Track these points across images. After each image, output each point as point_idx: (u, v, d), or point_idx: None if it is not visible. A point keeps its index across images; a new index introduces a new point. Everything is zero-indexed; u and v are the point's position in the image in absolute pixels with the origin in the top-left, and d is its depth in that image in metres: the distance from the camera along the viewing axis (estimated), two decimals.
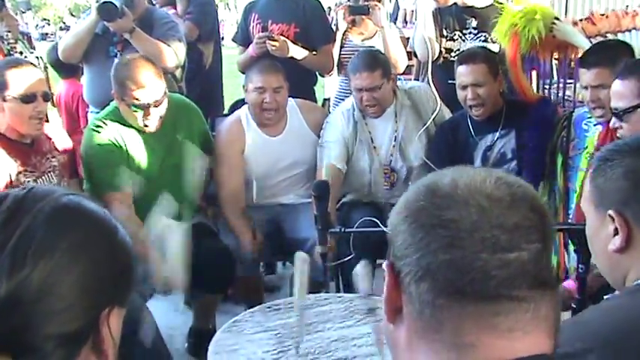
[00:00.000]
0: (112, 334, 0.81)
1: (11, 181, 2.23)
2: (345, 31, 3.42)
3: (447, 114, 2.90)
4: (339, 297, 2.02)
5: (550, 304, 0.72)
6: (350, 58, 3.28)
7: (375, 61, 2.80)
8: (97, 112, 3.06)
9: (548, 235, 0.73)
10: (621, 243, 1.10)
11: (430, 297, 0.71)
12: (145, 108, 2.49)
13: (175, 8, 3.71)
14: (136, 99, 2.48)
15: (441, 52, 3.12)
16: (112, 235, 0.84)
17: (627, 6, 2.87)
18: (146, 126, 2.54)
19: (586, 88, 2.25)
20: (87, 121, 3.32)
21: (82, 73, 3.82)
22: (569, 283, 2.01)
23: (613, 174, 1.12)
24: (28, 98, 2.22)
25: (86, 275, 0.78)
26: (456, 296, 0.70)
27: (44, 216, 0.79)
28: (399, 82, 2.98)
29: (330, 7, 3.87)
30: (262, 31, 3.17)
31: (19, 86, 2.22)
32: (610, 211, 1.11)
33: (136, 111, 2.50)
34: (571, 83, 2.97)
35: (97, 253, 0.81)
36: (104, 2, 2.84)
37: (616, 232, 1.11)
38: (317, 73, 3.45)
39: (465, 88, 2.61)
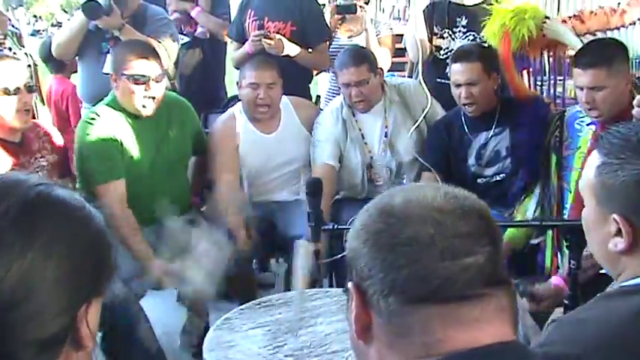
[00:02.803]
0: (90, 328, 0.78)
1: None
2: (333, 29, 3.43)
3: (440, 110, 2.90)
4: (327, 291, 2.04)
5: (507, 298, 0.78)
6: (337, 55, 3.31)
7: (361, 55, 2.82)
8: (88, 108, 3.07)
9: (496, 239, 0.79)
10: (625, 247, 1.08)
11: (398, 306, 0.75)
12: (146, 82, 2.48)
13: (197, 4, 3.67)
14: (136, 70, 2.47)
15: (430, 49, 3.12)
16: (85, 225, 0.80)
17: (619, 3, 2.87)
18: (144, 107, 2.52)
19: (581, 88, 2.23)
20: (78, 119, 3.31)
21: (73, 70, 3.81)
22: (558, 280, 2.02)
23: (625, 179, 1.07)
24: (11, 91, 2.21)
25: (63, 272, 0.75)
26: (423, 302, 0.74)
27: (12, 215, 0.74)
28: (388, 78, 2.99)
29: (324, 5, 3.86)
30: (258, 29, 3.17)
31: (2, 79, 2.21)
32: (615, 215, 1.08)
33: (136, 83, 2.48)
34: (562, 80, 2.97)
35: (72, 247, 0.76)
36: (87, 1, 2.84)
37: (617, 233, 1.08)
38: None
39: (458, 86, 2.61)
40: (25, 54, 3.27)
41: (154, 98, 2.53)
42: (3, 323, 0.71)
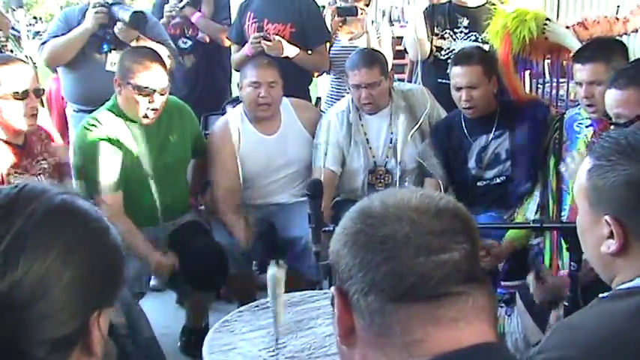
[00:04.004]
0: (102, 334, 0.81)
1: (2, 181, 2.22)
2: (334, 31, 3.43)
3: (443, 114, 2.90)
4: (325, 293, 2.04)
5: (486, 297, 0.79)
6: (338, 57, 3.31)
7: (374, 58, 2.82)
8: (80, 111, 3.06)
9: (473, 238, 0.80)
10: (617, 249, 1.09)
11: (378, 305, 0.76)
12: (150, 94, 2.48)
13: (200, 10, 3.67)
14: (142, 81, 2.47)
15: (431, 50, 3.13)
16: (103, 236, 0.83)
17: (618, 6, 2.87)
18: (146, 117, 2.52)
19: (580, 84, 2.25)
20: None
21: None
22: (565, 273, 2.02)
23: (615, 180, 1.08)
24: (20, 95, 2.22)
25: (79, 277, 0.78)
26: (402, 300, 0.76)
27: (37, 217, 0.77)
28: (395, 84, 2.99)
29: (324, 6, 3.86)
30: (258, 31, 3.17)
31: (12, 83, 2.21)
32: (607, 217, 1.09)
33: (140, 95, 2.48)
34: (564, 82, 2.98)
35: (89, 255, 0.80)
36: (135, 12, 2.88)
37: (610, 235, 1.09)
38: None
39: (459, 89, 2.61)
40: (26, 56, 3.26)
41: (156, 109, 2.52)
42: (20, 319, 0.74)
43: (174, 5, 3.56)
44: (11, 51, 3.48)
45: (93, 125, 2.53)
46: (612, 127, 1.92)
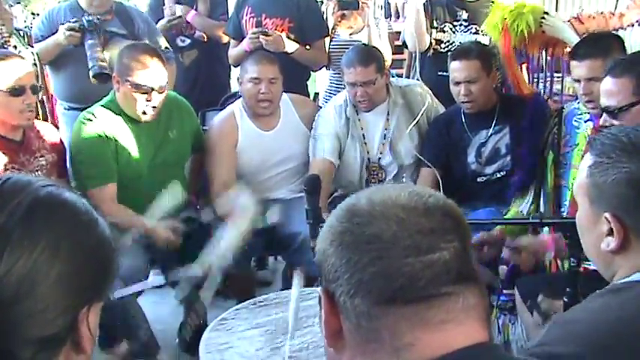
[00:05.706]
0: (90, 331, 0.78)
1: None
2: (334, 26, 3.41)
3: (441, 109, 2.89)
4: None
5: (476, 295, 0.76)
6: (338, 52, 3.29)
7: (370, 55, 2.80)
8: (71, 109, 3.04)
9: (464, 236, 0.77)
10: (616, 246, 1.09)
11: (365, 309, 0.74)
12: (148, 92, 2.46)
13: (196, 9, 3.64)
14: (141, 79, 2.44)
15: (430, 43, 3.13)
16: (92, 229, 0.80)
17: (617, 1, 2.86)
18: (144, 113, 2.50)
19: (578, 81, 2.24)
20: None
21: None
22: (546, 236, 2.01)
23: (615, 177, 1.08)
24: (16, 91, 2.21)
25: (67, 272, 0.75)
26: (389, 303, 0.73)
27: (23, 210, 0.74)
28: (393, 79, 2.97)
29: (322, 1, 3.84)
30: (256, 26, 3.16)
31: (7, 79, 2.20)
32: (607, 214, 1.09)
33: (138, 92, 2.46)
34: (560, 77, 2.97)
35: (77, 249, 0.77)
36: (97, 74, 2.74)
37: (609, 233, 1.10)
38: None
39: (457, 84, 2.61)
40: (32, 52, 3.26)
41: (154, 107, 2.51)
42: (5, 318, 0.71)
43: (169, 16, 3.52)
44: (15, 47, 3.45)
45: (89, 120, 2.52)
46: (604, 114, 1.92)
